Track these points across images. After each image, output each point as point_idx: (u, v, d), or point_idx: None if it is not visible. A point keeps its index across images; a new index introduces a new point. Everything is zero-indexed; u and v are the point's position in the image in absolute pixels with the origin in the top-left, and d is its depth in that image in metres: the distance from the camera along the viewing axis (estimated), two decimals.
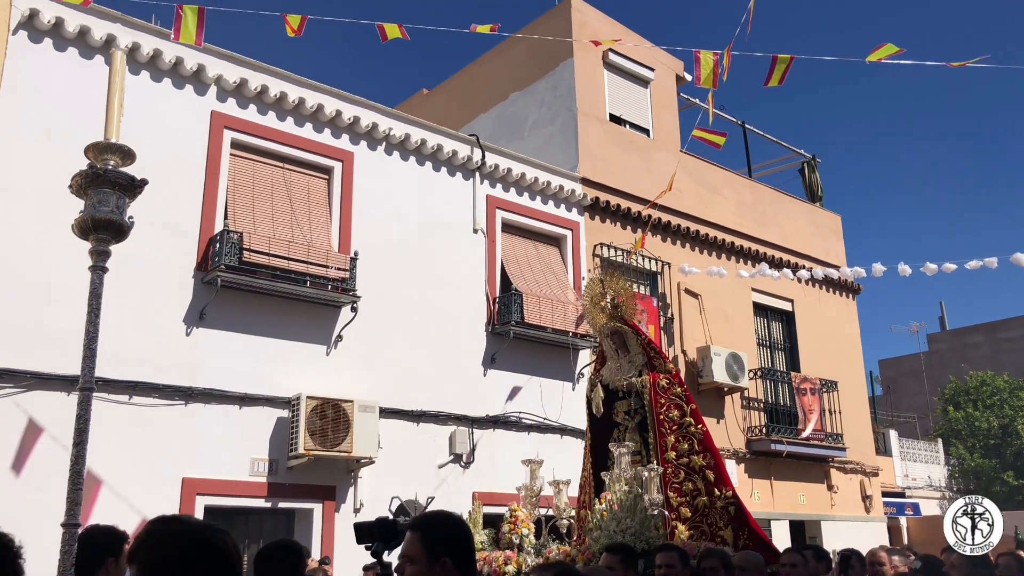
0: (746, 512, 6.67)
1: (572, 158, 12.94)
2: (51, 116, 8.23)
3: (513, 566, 6.44)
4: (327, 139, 10.19)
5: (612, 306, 7.39)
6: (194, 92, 9.24)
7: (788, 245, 15.78)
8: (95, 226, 3.46)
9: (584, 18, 13.73)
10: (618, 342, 7.41)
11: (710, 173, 14.82)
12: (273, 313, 9.21)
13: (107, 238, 3.50)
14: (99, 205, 3.49)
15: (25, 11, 8.17)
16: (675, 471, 6.70)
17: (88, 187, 3.56)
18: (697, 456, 6.76)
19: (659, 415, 6.89)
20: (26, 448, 7.46)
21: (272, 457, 8.90)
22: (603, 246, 12.72)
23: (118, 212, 3.56)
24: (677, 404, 6.98)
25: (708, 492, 6.64)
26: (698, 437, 6.85)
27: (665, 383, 7.04)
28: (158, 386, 8.30)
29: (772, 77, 7.26)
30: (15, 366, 7.55)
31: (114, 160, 3.68)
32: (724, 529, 6.52)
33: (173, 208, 8.77)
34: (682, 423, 6.90)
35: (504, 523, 6.96)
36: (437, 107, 15.72)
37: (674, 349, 13.26)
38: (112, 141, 3.74)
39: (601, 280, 7.59)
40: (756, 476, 13.85)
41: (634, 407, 7.11)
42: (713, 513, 6.58)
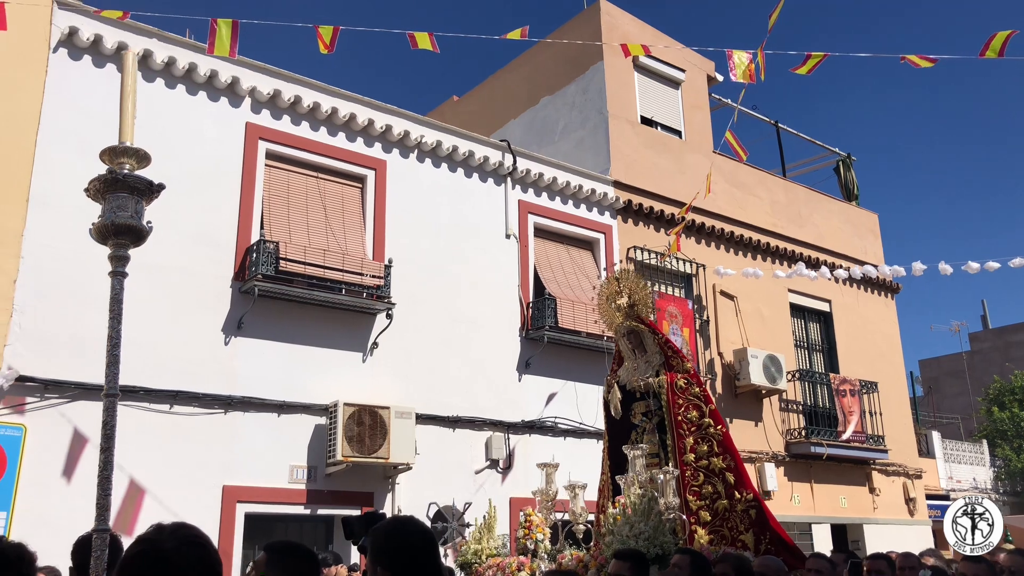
0: (768, 515, 6.46)
1: (604, 161, 12.90)
2: (90, 130, 8.37)
3: (526, 572, 6.30)
4: (360, 148, 10.27)
5: (628, 305, 7.20)
6: (229, 104, 9.38)
7: (824, 245, 15.59)
8: (114, 231, 3.41)
9: (613, 21, 13.70)
10: (635, 342, 7.20)
11: (743, 173, 14.69)
12: (309, 321, 9.29)
13: (126, 243, 3.46)
14: (117, 210, 3.44)
15: (65, 29, 8.35)
16: (694, 474, 6.53)
17: (106, 192, 3.51)
18: (716, 458, 6.56)
19: (677, 416, 6.70)
20: (74, 456, 7.60)
21: (311, 464, 8.97)
22: (636, 249, 12.66)
23: (137, 217, 3.51)
24: (696, 405, 6.77)
25: (728, 495, 6.44)
26: (717, 438, 6.64)
27: (683, 383, 6.84)
28: (198, 395, 8.42)
29: (803, 66, 7.14)
30: (60, 376, 7.69)
31: (129, 164, 3.62)
32: (745, 533, 6.31)
33: (210, 219, 8.90)
34: (701, 424, 6.69)
35: (519, 528, 6.84)
36: (468, 113, 15.77)
37: (710, 352, 13.15)
38: (128, 144, 3.68)
39: (616, 279, 7.38)
40: (796, 479, 13.67)
41: (652, 408, 6.92)
42: (734, 517, 6.38)
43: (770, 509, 6.64)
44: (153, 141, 8.77)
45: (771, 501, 13.05)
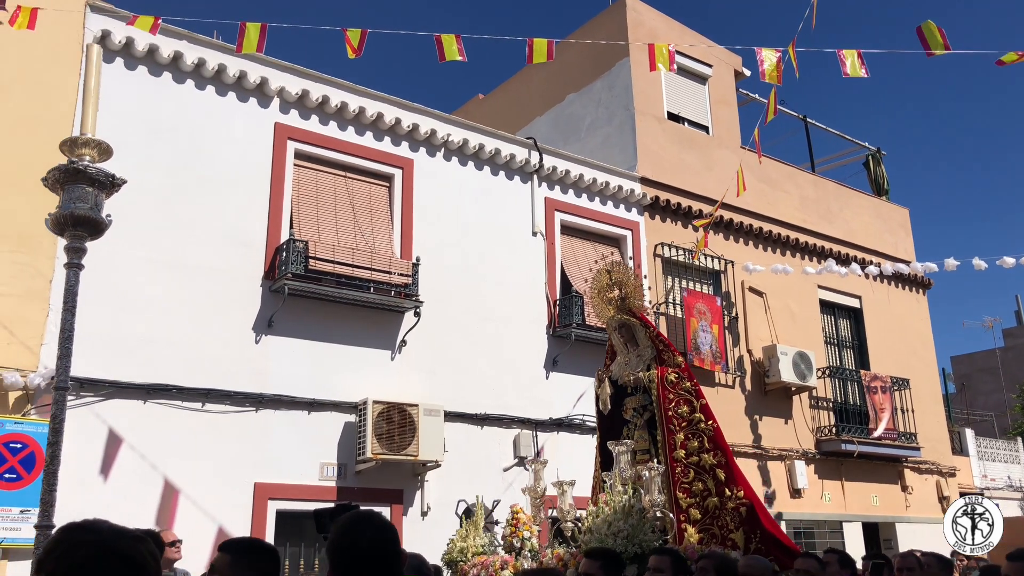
0: (761, 513, 6.29)
1: (630, 158, 12.85)
2: (122, 132, 8.49)
3: (510, 570, 6.18)
4: (387, 147, 10.31)
5: (619, 298, 7.02)
6: (258, 105, 9.45)
7: (854, 240, 15.41)
8: (72, 222, 3.31)
9: (640, 17, 13.63)
10: (626, 335, 7.05)
11: (772, 169, 14.56)
12: (338, 320, 9.35)
13: (83, 235, 3.37)
14: (76, 201, 3.34)
15: (97, 32, 8.46)
16: (684, 470, 6.37)
17: (64, 183, 3.40)
18: (707, 454, 6.40)
19: (667, 411, 6.54)
20: (109, 454, 7.71)
21: (341, 461, 9.03)
22: (664, 245, 12.60)
23: (96, 209, 3.39)
24: (686, 399, 6.59)
25: (719, 493, 6.28)
26: (708, 434, 6.48)
27: (674, 377, 6.65)
28: (230, 393, 8.50)
29: (849, 68, 7.01)
30: (94, 375, 7.80)
31: (90, 155, 3.53)
32: (735, 532, 6.15)
33: (240, 219, 8.98)
34: (691, 419, 6.52)
35: (506, 526, 6.72)
36: (493, 111, 15.77)
37: (739, 349, 13.06)
38: (88, 136, 3.57)
39: (608, 271, 7.18)
40: (826, 477, 13.54)
41: (643, 403, 6.77)
42: (724, 515, 6.23)
43: (764, 507, 6.47)
44: (184, 142, 8.89)
45: (801, 499, 12.97)
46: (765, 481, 12.69)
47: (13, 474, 7.08)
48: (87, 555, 1.55)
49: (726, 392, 12.70)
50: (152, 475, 7.88)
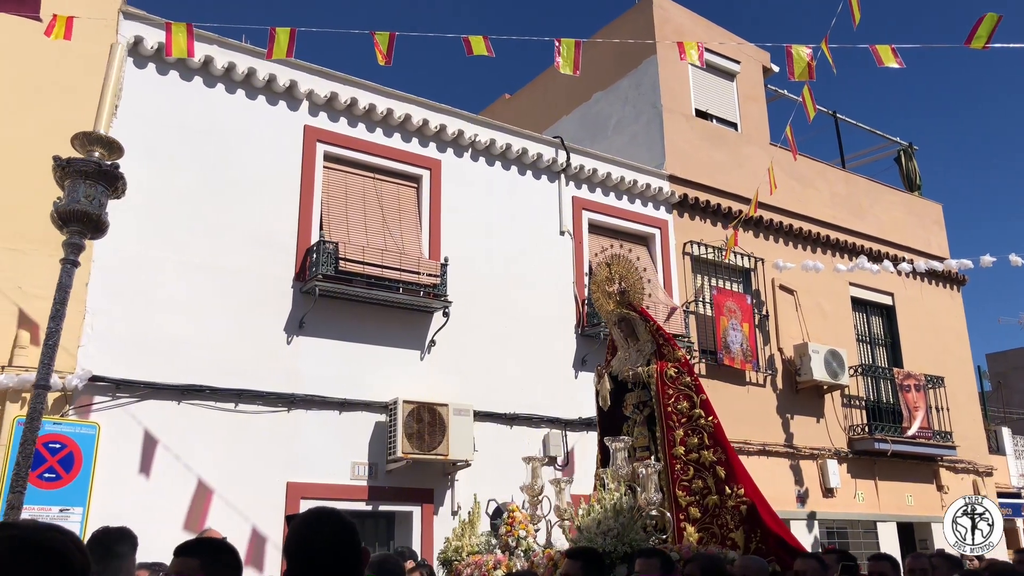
0: (763, 512, 6.11)
1: (658, 155, 12.79)
2: (154, 136, 8.62)
3: (503, 570, 6.06)
4: (415, 148, 10.36)
5: (619, 291, 6.88)
6: (287, 108, 9.54)
7: (887, 237, 15.22)
8: (70, 218, 3.26)
9: (666, 15, 13.56)
10: (626, 330, 6.90)
11: (802, 165, 14.41)
12: (368, 320, 9.40)
13: (81, 231, 3.32)
14: (79, 197, 3.29)
15: (130, 38, 8.58)
16: (684, 468, 6.21)
17: (65, 178, 3.35)
18: (707, 451, 6.25)
19: (667, 407, 6.38)
20: (147, 455, 7.83)
21: (372, 461, 9.09)
22: (693, 243, 12.53)
23: (95, 205, 3.34)
24: (686, 395, 6.44)
25: (719, 490, 6.13)
26: (708, 430, 6.33)
27: (674, 372, 6.50)
28: (262, 393, 8.59)
29: (883, 59, 6.92)
30: (129, 376, 7.92)
31: (100, 152, 3.49)
32: (735, 531, 6.00)
33: (271, 221, 9.07)
34: (691, 415, 6.37)
35: (502, 525, 6.57)
36: (520, 111, 15.78)
37: (770, 347, 12.96)
38: (100, 133, 3.52)
39: (608, 264, 7.01)
40: (859, 476, 13.39)
41: (642, 399, 6.62)
42: (724, 513, 6.08)
43: (768, 505, 6.29)
44: (215, 145, 8.99)
45: (834, 499, 12.83)
46: (797, 480, 12.58)
47: (52, 474, 7.21)
48: (5, 549, 1.56)
49: (757, 391, 12.60)
50: (186, 475, 7.98)
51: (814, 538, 12.29)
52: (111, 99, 3.47)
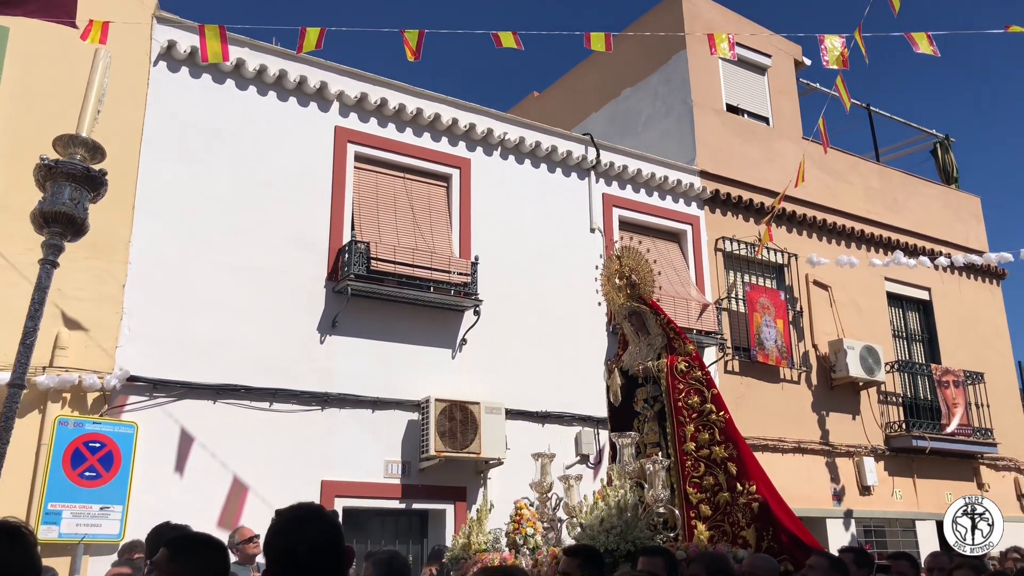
0: (777, 509, 5.94)
1: (689, 151, 12.70)
2: (188, 138, 8.73)
3: None
4: (445, 147, 10.38)
5: (629, 284, 6.73)
6: (318, 109, 9.60)
7: (923, 231, 14.96)
8: (53, 219, 3.27)
9: (696, 9, 13.45)
10: (637, 323, 6.75)
11: (835, 159, 14.23)
12: (400, 319, 9.44)
13: (62, 232, 3.33)
14: (59, 198, 3.29)
15: (164, 43, 8.70)
16: (694, 464, 6.06)
17: (50, 179, 3.36)
18: (718, 447, 6.09)
19: (677, 402, 6.24)
20: (182, 453, 7.93)
21: (405, 459, 9.13)
22: (725, 239, 12.43)
23: (79, 208, 3.34)
24: (697, 389, 6.29)
25: (730, 487, 5.96)
26: (719, 425, 6.17)
27: (684, 366, 6.35)
28: (296, 392, 8.66)
29: (918, 45, 6.80)
30: (166, 376, 8.03)
31: (81, 154, 3.50)
32: (747, 529, 5.84)
33: (304, 222, 9.15)
34: (702, 410, 6.21)
35: (509, 522, 6.48)
36: (549, 109, 15.75)
37: (804, 344, 12.81)
38: (83, 135, 3.52)
39: (618, 256, 6.87)
40: (897, 474, 13.19)
41: (653, 394, 6.47)
42: (735, 511, 5.91)
43: (783, 503, 6.12)
44: (248, 147, 9.08)
45: (871, 497, 12.65)
46: (833, 478, 12.43)
47: (93, 472, 7.33)
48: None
49: (791, 388, 12.47)
50: (222, 473, 8.07)
51: (851, 536, 12.13)
52: (94, 103, 3.50)
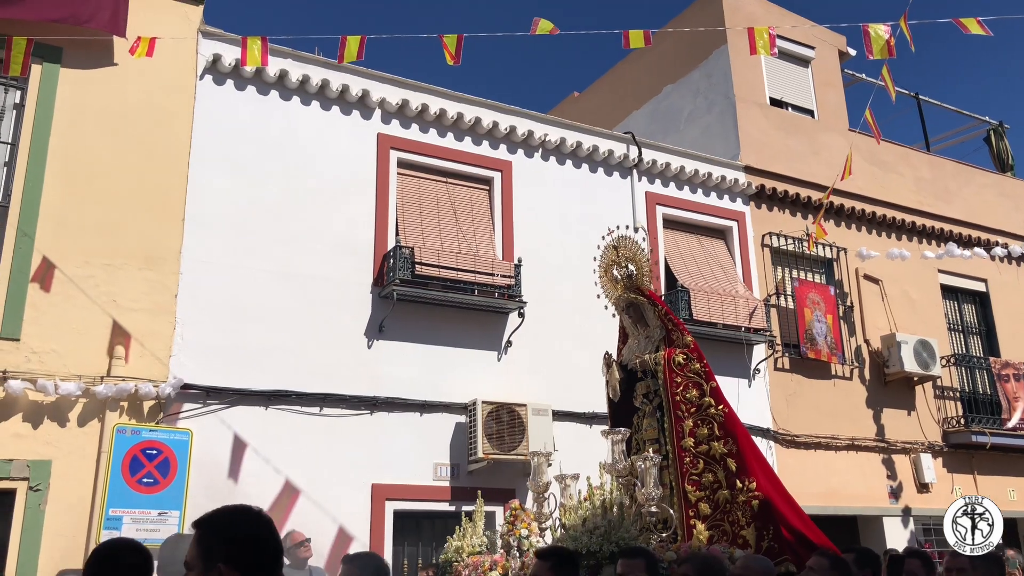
0: (781, 508, 5.71)
1: (733, 147, 12.56)
2: (235, 149, 8.89)
3: (499, 571, 5.79)
4: (486, 151, 10.42)
5: (626, 275, 6.56)
6: (360, 117, 9.71)
7: (977, 221, 14.58)
8: None
9: (736, 3, 13.30)
10: (635, 316, 6.59)
11: (883, 150, 13.93)
12: (445, 322, 9.50)
13: None
14: None
15: (209, 56, 8.88)
16: (693, 460, 5.86)
17: None
18: (718, 442, 5.88)
19: (675, 396, 6.03)
20: (235, 459, 8.08)
21: (454, 462, 9.17)
22: (772, 235, 12.26)
23: None
24: (695, 383, 6.08)
25: (730, 484, 5.75)
26: (719, 420, 5.95)
27: (682, 359, 6.13)
28: (345, 397, 8.76)
29: (968, 27, 6.64)
30: (219, 384, 8.19)
31: None
32: (746, 528, 5.64)
33: (349, 228, 9.26)
34: (701, 404, 6.01)
35: (504, 523, 6.30)
36: (589, 108, 15.71)
37: (856, 339, 12.57)
38: None
39: (615, 247, 6.68)
40: (956, 471, 12.86)
41: (652, 389, 6.27)
42: (735, 509, 5.71)
43: (788, 500, 5.89)
44: (293, 156, 9.22)
45: (930, 494, 12.36)
46: (890, 476, 12.17)
47: (150, 479, 7.50)
48: None
49: (843, 384, 12.25)
50: (274, 478, 8.19)
51: (909, 534, 11.87)
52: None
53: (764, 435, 11.17)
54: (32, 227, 7.66)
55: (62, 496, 7.22)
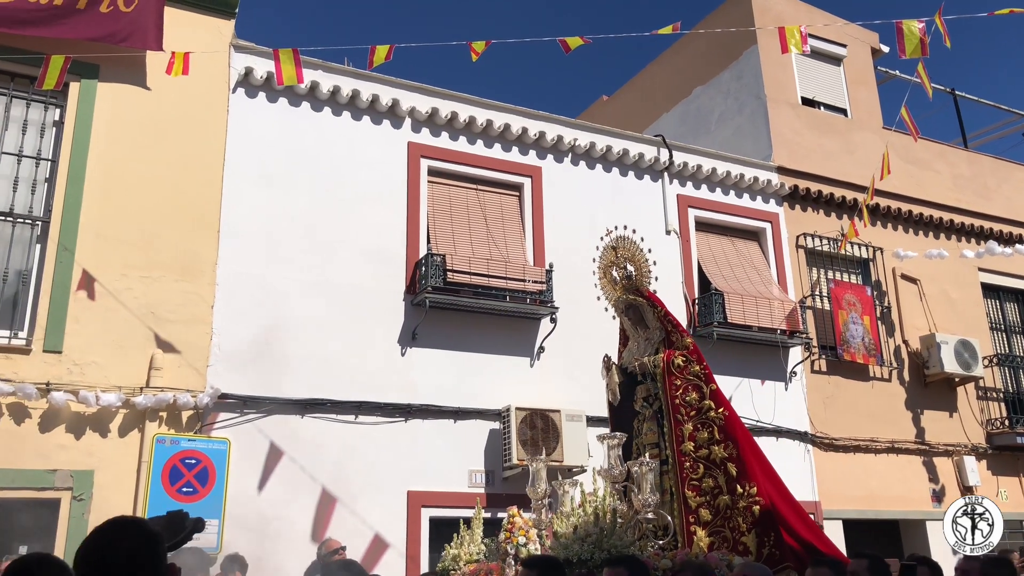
0: (784, 513, 5.59)
1: (765, 147, 12.44)
2: (268, 161, 9.00)
3: None
4: (515, 157, 10.43)
5: (625, 276, 6.49)
6: (391, 126, 9.78)
7: (1018, 217, 14.28)
8: None
9: (766, 2, 13.19)
10: (635, 317, 6.52)
11: (919, 148, 13.71)
12: (478, 329, 9.51)
13: None
14: None
15: (241, 70, 9.00)
16: (693, 465, 5.75)
17: None
18: (718, 446, 5.78)
19: (674, 399, 5.94)
20: (270, 467, 8.15)
21: (488, 468, 9.18)
22: (807, 236, 12.11)
23: None
24: (695, 385, 5.98)
25: (730, 490, 5.62)
26: (719, 424, 5.84)
27: (681, 361, 6.04)
28: (380, 404, 8.81)
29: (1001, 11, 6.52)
30: (256, 393, 8.27)
31: None
32: (747, 534, 5.50)
33: (381, 237, 9.32)
34: (701, 407, 5.91)
35: (501, 531, 6.16)
36: (619, 112, 15.66)
37: (894, 340, 12.37)
38: None
39: (614, 247, 6.62)
40: (1001, 473, 12.59)
41: (652, 392, 6.17)
42: (735, 515, 5.58)
43: (793, 505, 5.75)
44: (325, 167, 9.30)
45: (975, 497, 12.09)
46: (932, 478, 11.95)
47: (190, 488, 7.60)
48: None
49: (882, 386, 12.05)
50: (311, 485, 8.26)
51: None
52: None
53: (802, 438, 11.03)
54: (72, 241, 7.81)
55: (105, 505, 7.33)
